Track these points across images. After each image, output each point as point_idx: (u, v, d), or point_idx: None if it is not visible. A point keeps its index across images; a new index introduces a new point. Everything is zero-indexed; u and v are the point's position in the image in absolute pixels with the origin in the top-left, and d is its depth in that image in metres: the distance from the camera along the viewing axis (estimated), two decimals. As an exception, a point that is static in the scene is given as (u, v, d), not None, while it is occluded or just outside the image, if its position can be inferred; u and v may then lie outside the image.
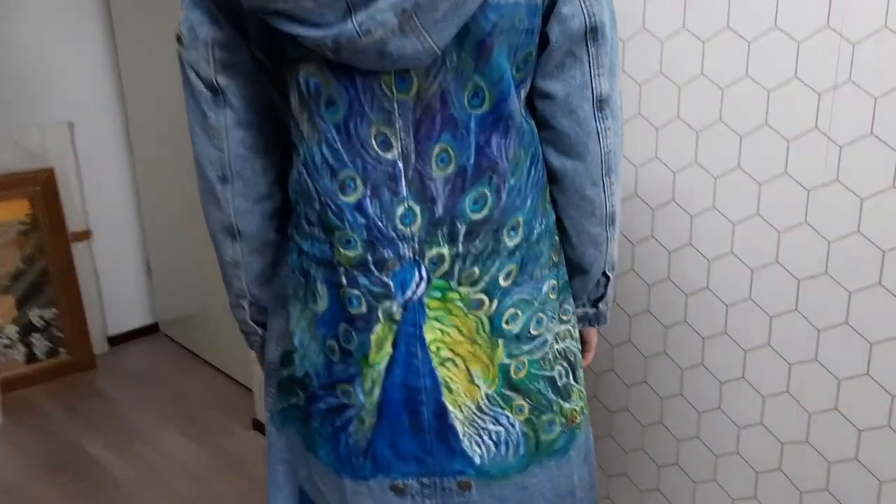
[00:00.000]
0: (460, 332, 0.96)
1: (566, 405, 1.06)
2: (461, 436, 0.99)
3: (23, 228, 2.79)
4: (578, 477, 1.11)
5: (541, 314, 1.00)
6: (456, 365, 0.96)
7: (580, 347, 1.11)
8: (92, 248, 3.01)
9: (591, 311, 1.15)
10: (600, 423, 1.62)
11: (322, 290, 0.97)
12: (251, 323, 1.12)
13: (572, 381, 1.07)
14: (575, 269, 1.09)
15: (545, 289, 1.01)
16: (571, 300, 1.09)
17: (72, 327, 2.94)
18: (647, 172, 1.38)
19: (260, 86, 0.94)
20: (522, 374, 1.00)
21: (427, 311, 0.94)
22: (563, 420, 1.05)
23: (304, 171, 0.93)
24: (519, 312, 0.98)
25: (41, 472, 2.35)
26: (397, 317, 0.94)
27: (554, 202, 1.03)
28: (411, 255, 0.93)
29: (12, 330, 2.83)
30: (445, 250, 0.93)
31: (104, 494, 2.23)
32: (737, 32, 1.21)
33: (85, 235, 2.96)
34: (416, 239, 0.92)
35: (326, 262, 0.96)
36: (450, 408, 0.98)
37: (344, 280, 0.95)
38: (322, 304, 0.98)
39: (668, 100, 1.32)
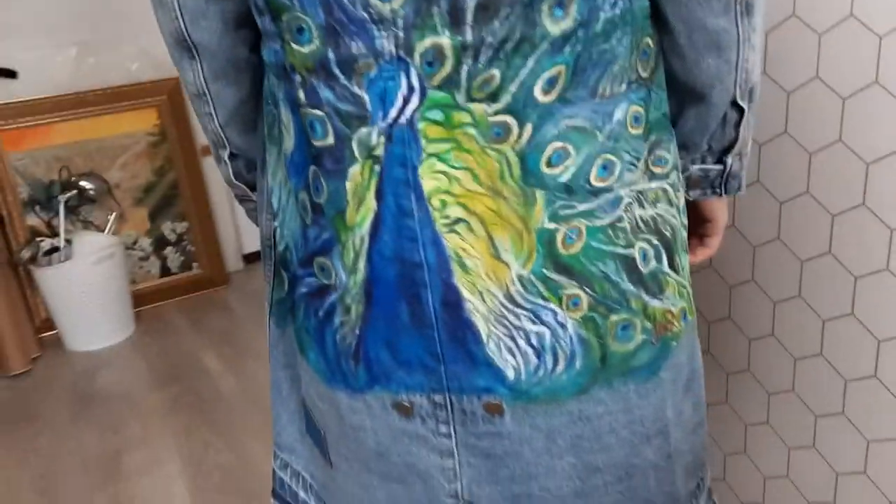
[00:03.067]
0: (475, 177, 0.62)
1: (654, 303, 0.70)
2: (484, 337, 0.67)
3: (152, 140, 2.75)
4: (675, 411, 0.76)
5: (610, 156, 0.64)
6: (472, 230, 0.64)
7: (685, 223, 0.74)
8: (223, 163, 2.94)
9: (713, 168, 0.75)
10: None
11: (286, 116, 0.68)
12: (238, 183, 0.86)
13: (667, 270, 0.71)
14: (685, 93, 0.70)
15: (620, 115, 0.64)
16: (674, 146, 0.71)
17: (204, 242, 2.90)
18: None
19: None
20: (577, 247, 0.65)
21: (423, 142, 0.61)
22: (648, 324, 0.70)
23: None
24: (570, 148, 0.62)
25: (156, 383, 2.31)
26: (379, 151, 0.63)
27: None
28: (393, 50, 0.60)
29: (146, 242, 2.83)
30: (446, 39, 0.58)
31: (207, 407, 2.14)
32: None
33: (215, 149, 2.88)
34: (399, 22, 0.59)
35: (282, 70, 0.66)
36: (465, 294, 0.66)
37: (301, 95, 0.65)
38: (289, 140, 0.69)
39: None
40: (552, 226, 0.64)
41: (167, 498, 1.77)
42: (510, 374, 0.68)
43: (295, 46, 0.63)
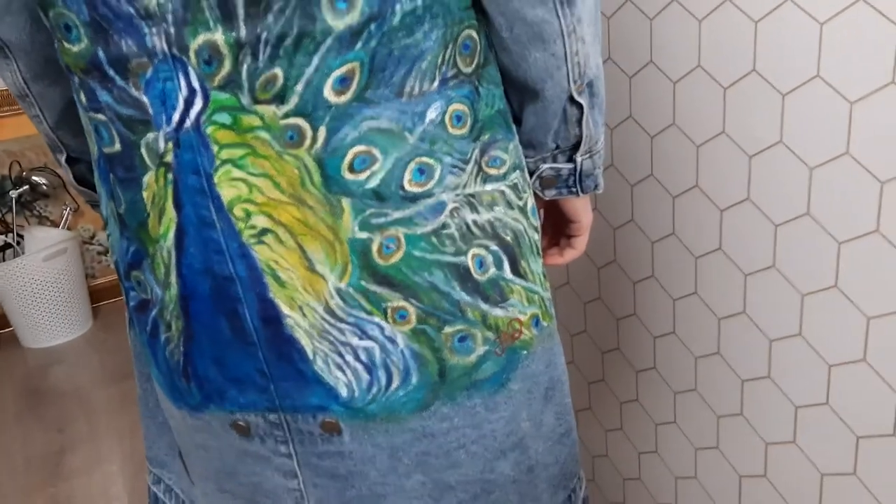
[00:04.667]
0: (276, 185, 0.58)
1: (496, 312, 0.66)
2: (310, 354, 0.63)
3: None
4: (533, 423, 0.72)
5: (426, 158, 0.60)
6: (281, 241, 0.60)
7: (535, 224, 0.70)
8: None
9: (564, 167, 0.71)
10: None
11: (84, 119, 0.63)
12: (82, 188, 0.82)
13: (509, 276, 0.67)
14: (520, 89, 0.66)
15: (434, 115, 0.60)
16: (514, 145, 0.67)
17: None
18: None
19: None
20: (397, 257, 0.61)
21: (215, 147, 0.57)
22: (490, 335, 0.66)
23: None
24: (375, 152, 0.58)
25: (108, 380, 2.28)
26: (169, 158, 0.58)
27: None
28: (165, 48, 0.55)
29: (104, 236, 2.80)
30: (219, 36, 0.54)
31: (154, 405, 2.11)
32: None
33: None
34: (168, 17, 0.54)
35: (65, 71, 0.62)
36: (284, 310, 0.62)
37: (83, 98, 0.60)
38: (92, 145, 0.65)
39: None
40: (364, 235, 0.60)
41: (105, 499, 1.75)
42: (343, 392, 0.65)
43: (66, 45, 0.58)
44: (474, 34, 0.62)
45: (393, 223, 0.60)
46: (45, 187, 2.63)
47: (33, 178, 2.61)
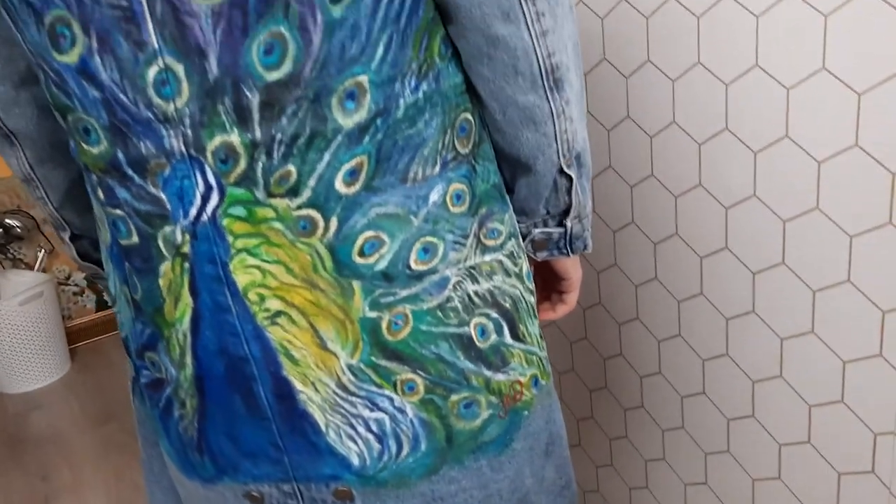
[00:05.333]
0: (289, 270, 0.61)
1: (499, 377, 0.69)
2: (323, 427, 0.66)
3: (78, 172, 2.70)
4: (535, 478, 0.75)
5: (430, 238, 0.63)
6: (294, 322, 0.63)
7: (531, 288, 0.73)
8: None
9: (555, 231, 0.75)
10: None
11: (98, 209, 0.66)
12: (86, 264, 0.83)
13: (510, 341, 0.70)
14: (514, 165, 0.69)
15: (436, 197, 0.63)
16: (509, 215, 0.70)
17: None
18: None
19: None
20: (405, 332, 0.64)
21: (230, 238, 0.60)
22: (493, 399, 0.69)
23: (6, 16, 0.61)
24: (383, 236, 0.61)
25: (89, 423, 2.27)
26: (186, 249, 0.61)
27: (458, 55, 0.64)
28: (183, 149, 0.58)
29: (80, 276, 2.78)
30: (235, 137, 0.57)
31: (138, 449, 2.10)
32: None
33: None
34: (186, 121, 0.57)
35: (82, 167, 0.64)
36: (298, 386, 0.64)
37: (101, 194, 0.63)
38: (105, 233, 0.67)
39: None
40: (374, 314, 0.63)
41: (94, 548, 1.74)
42: (355, 461, 0.67)
43: (85, 147, 0.61)
44: (470, 116, 0.65)
45: (401, 301, 0.63)
46: (18, 230, 2.61)
47: (6, 220, 2.59)
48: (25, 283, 2.50)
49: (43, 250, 2.67)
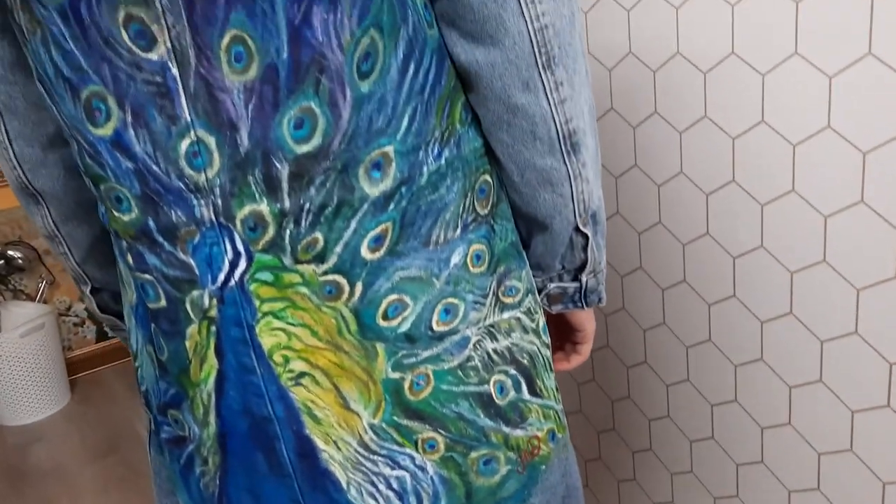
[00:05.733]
0: (314, 333, 0.62)
1: (517, 433, 0.70)
2: (344, 484, 0.67)
3: (80, 203, 2.71)
4: (551, 531, 0.76)
5: (451, 299, 0.65)
6: (317, 382, 0.64)
7: (547, 342, 0.75)
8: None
9: (570, 286, 0.76)
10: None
11: (125, 272, 0.67)
12: (106, 315, 0.84)
13: (527, 397, 0.71)
14: (530, 223, 0.71)
15: (458, 259, 0.64)
16: (525, 272, 0.72)
17: (140, 303, 2.85)
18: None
19: None
20: (426, 392, 0.65)
21: (257, 302, 0.61)
22: (512, 455, 0.70)
23: (42, 91, 0.62)
24: (406, 299, 0.63)
25: (90, 456, 2.26)
26: (213, 313, 0.62)
27: (478, 120, 0.66)
28: (213, 217, 0.59)
29: (80, 307, 2.78)
30: (264, 207, 0.58)
31: (141, 480, 2.10)
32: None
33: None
34: (216, 191, 0.58)
35: (112, 233, 0.66)
36: (319, 445, 0.65)
37: (130, 259, 0.64)
38: (131, 294, 0.68)
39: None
40: (397, 375, 0.64)
41: (97, 586, 1.73)
42: None
43: (116, 214, 0.62)
44: (489, 178, 0.67)
45: (422, 361, 0.64)
46: (20, 261, 2.61)
47: (8, 252, 2.59)
48: (27, 314, 2.50)
49: (44, 281, 2.67)
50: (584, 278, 0.75)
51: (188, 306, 0.63)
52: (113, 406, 2.55)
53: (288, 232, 0.59)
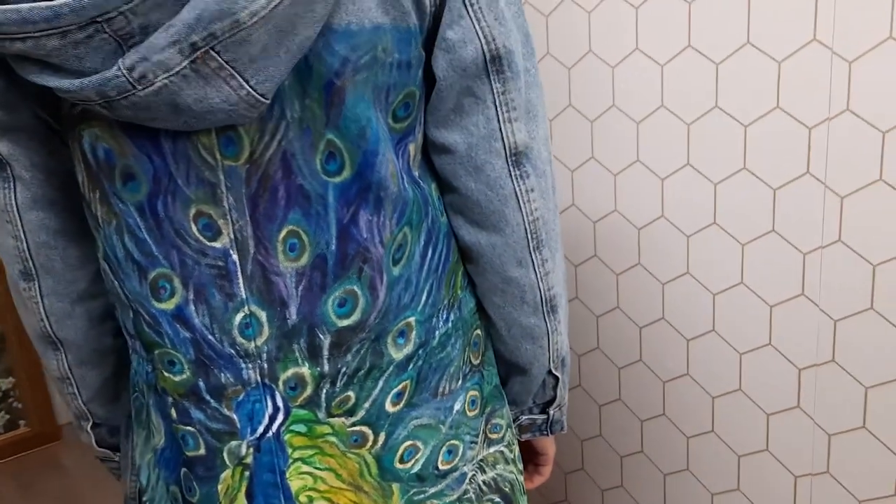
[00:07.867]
0: (338, 476, 0.70)
1: None
2: None
3: (-26, 288, 2.53)
4: None
5: (454, 441, 0.74)
6: None
7: (521, 468, 0.84)
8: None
9: (539, 417, 0.85)
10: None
11: (156, 420, 0.72)
12: (101, 449, 0.86)
13: None
14: (511, 367, 0.81)
15: (459, 406, 0.74)
16: (506, 409, 0.82)
17: (33, 396, 2.65)
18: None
19: (58, 153, 0.70)
20: None
21: (289, 450, 0.68)
22: None
23: (107, 268, 0.69)
24: (419, 444, 0.72)
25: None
26: (248, 460, 0.68)
27: (472, 283, 0.77)
28: (258, 379, 0.67)
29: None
30: (305, 370, 0.67)
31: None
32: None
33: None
34: (263, 356, 0.66)
35: (153, 387, 0.71)
36: None
37: (174, 413, 0.69)
38: (159, 438, 0.72)
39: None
40: None
41: None
42: None
43: (167, 375, 0.68)
44: (480, 332, 0.77)
45: (429, 497, 0.73)
46: None
47: None
48: None
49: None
50: (551, 411, 0.85)
51: (225, 454, 0.69)
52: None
53: (324, 391, 0.68)
